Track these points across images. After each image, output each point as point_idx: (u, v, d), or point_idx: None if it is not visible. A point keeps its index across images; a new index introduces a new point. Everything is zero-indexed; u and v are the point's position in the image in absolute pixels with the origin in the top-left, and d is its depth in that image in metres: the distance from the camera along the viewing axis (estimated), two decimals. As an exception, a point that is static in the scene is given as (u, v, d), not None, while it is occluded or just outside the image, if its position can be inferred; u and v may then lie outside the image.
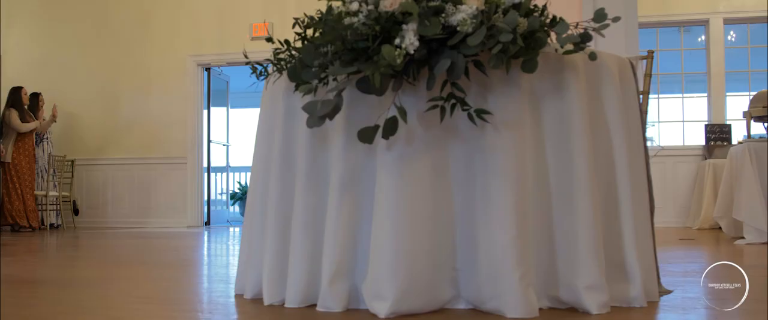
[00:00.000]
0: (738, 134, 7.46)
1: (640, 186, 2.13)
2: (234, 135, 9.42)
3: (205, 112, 8.71)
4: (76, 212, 8.52)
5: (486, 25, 1.77)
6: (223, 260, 3.94)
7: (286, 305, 2.00)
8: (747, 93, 7.96)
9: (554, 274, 1.97)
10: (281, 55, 2.07)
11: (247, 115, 10.48)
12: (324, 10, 2.09)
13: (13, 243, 5.55)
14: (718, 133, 7.34)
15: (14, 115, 7.56)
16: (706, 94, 7.83)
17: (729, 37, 7.90)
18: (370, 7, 1.86)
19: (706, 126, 7.52)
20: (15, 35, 9.23)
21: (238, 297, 2.23)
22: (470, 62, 1.82)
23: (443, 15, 1.80)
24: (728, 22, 7.66)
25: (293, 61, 2.06)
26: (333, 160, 1.98)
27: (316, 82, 1.91)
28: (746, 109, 5.59)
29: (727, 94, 7.78)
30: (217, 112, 9.07)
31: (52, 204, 8.11)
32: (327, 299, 1.93)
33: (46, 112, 8.14)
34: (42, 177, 7.97)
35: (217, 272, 3.20)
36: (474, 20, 1.78)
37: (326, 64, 1.85)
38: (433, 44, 1.81)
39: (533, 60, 1.85)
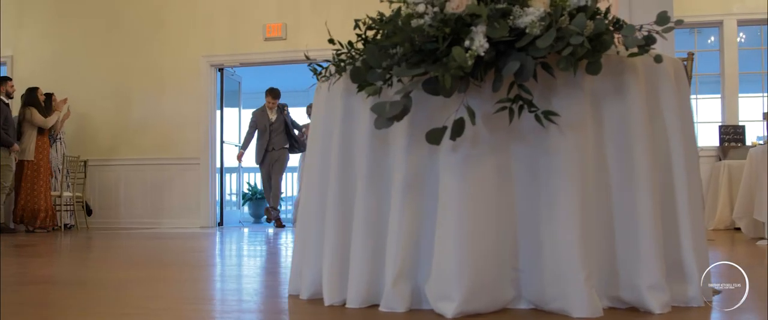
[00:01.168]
0: (751, 135, 7.48)
1: (696, 187, 2.14)
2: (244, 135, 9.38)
3: (218, 112, 8.71)
4: (88, 212, 8.52)
5: (554, 28, 1.78)
6: (255, 261, 3.95)
7: (347, 305, 2.01)
8: (760, 94, 7.99)
9: (615, 274, 1.98)
10: (342, 57, 2.07)
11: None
12: (383, 11, 2.10)
13: (34, 244, 5.55)
14: (732, 134, 7.36)
15: (35, 112, 7.57)
16: (719, 95, 7.85)
17: (739, 39, 7.92)
18: (436, 9, 1.88)
19: (720, 127, 7.54)
20: (27, 36, 9.23)
21: (294, 297, 2.23)
22: (538, 64, 1.83)
23: (511, 17, 1.82)
24: (742, 23, 7.68)
25: (353, 62, 2.07)
26: (395, 161, 2.00)
27: (380, 83, 1.92)
28: (765, 110, 5.61)
29: (740, 95, 7.80)
30: (230, 113, 9.08)
31: (67, 205, 8.11)
32: (390, 299, 1.94)
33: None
34: (55, 177, 7.97)
35: (256, 273, 3.21)
36: (542, 22, 1.80)
37: (392, 66, 1.87)
38: (501, 46, 1.83)
39: (598, 62, 1.86)
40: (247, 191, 11.18)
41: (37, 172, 7.54)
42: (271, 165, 8.38)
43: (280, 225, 8.36)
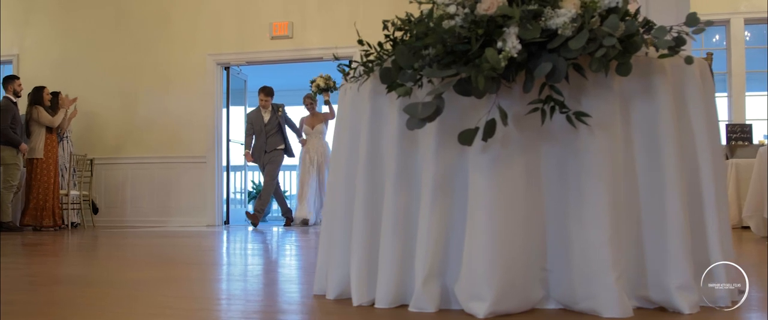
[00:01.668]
0: (758, 134, 7.49)
1: (722, 188, 2.15)
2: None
3: (224, 110, 8.71)
4: (95, 211, 8.53)
5: (587, 29, 1.79)
6: (269, 260, 3.96)
7: (376, 305, 2.02)
8: (763, 93, 8.00)
9: (643, 274, 1.99)
10: (370, 58, 2.08)
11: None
12: (411, 12, 2.10)
13: (44, 243, 5.56)
14: (739, 133, 7.37)
15: (42, 111, 7.57)
16: (726, 94, 7.86)
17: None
18: (466, 10, 1.89)
19: (727, 125, 7.54)
20: (33, 34, 9.23)
21: (320, 297, 2.24)
22: (570, 65, 1.83)
23: (542, 18, 1.82)
24: (749, 22, 7.69)
25: (381, 62, 2.08)
26: (424, 162, 2.00)
27: (411, 84, 1.93)
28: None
29: (746, 93, 7.81)
30: (236, 111, 9.08)
31: (74, 203, 8.12)
32: (420, 300, 1.95)
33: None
34: (62, 176, 7.97)
35: (274, 272, 3.21)
36: (574, 24, 1.80)
37: (423, 67, 1.87)
38: (532, 47, 1.83)
39: (628, 63, 1.87)
40: (251, 190, 11.19)
41: (47, 171, 7.54)
42: (264, 167, 8.33)
43: (254, 221, 8.03)
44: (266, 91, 8.25)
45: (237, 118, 9.13)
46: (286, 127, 8.43)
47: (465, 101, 1.94)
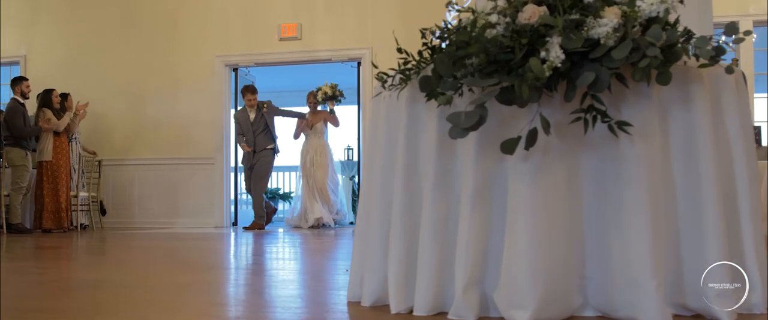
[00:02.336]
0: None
1: (757, 195, 2.16)
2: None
3: (232, 111, 8.71)
4: (103, 212, 8.52)
5: (629, 39, 1.80)
6: (291, 264, 3.96)
7: (414, 313, 2.03)
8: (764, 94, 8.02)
9: (680, 281, 2.00)
10: (409, 66, 2.08)
11: (284, 123, 10.50)
12: (446, 19, 2.11)
13: (57, 245, 5.56)
14: (748, 135, 7.37)
15: (49, 114, 7.56)
16: (734, 96, 7.86)
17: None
18: (507, 19, 1.90)
19: (736, 127, 7.54)
20: (40, 35, 9.23)
21: (355, 304, 2.25)
22: (612, 75, 1.84)
23: (585, 28, 1.83)
24: (758, 24, 7.70)
25: (419, 70, 2.09)
26: (463, 169, 2.01)
27: (452, 92, 1.94)
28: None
29: (755, 95, 7.83)
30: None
31: (83, 205, 8.11)
32: (461, 307, 1.96)
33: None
34: (71, 177, 7.97)
35: (301, 277, 3.22)
36: (617, 33, 1.81)
37: (466, 75, 1.88)
38: (574, 57, 1.84)
39: (668, 72, 1.88)
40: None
41: (57, 172, 7.53)
42: (251, 168, 8.11)
43: (259, 227, 7.93)
44: (252, 90, 8.12)
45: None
46: (274, 120, 8.19)
47: (504, 110, 1.95)
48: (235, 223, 8.80)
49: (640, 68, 1.80)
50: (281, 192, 11.61)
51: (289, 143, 8.90)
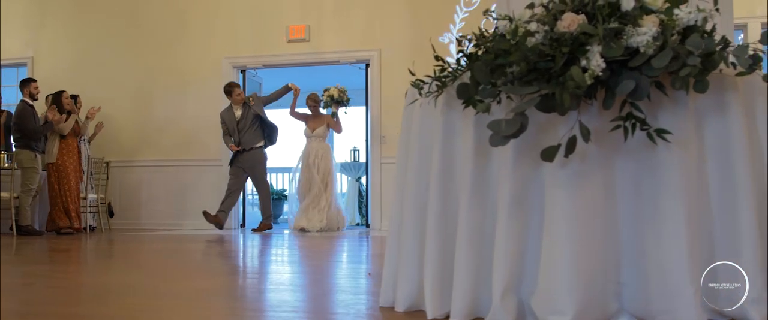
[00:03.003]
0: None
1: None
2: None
3: (241, 113, 8.71)
4: (111, 214, 8.54)
5: (669, 47, 1.81)
6: (314, 267, 3.98)
7: (451, 319, 2.04)
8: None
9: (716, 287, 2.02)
10: (445, 73, 2.10)
11: (278, 117, 10.46)
12: (482, 26, 2.12)
13: (70, 248, 5.57)
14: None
15: (54, 111, 7.55)
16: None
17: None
18: (546, 27, 1.91)
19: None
20: (48, 36, 9.24)
21: (389, 310, 2.26)
22: (652, 83, 1.86)
23: (624, 36, 1.85)
24: (766, 26, 7.72)
25: (454, 78, 2.10)
26: (501, 176, 2.03)
27: (490, 100, 1.95)
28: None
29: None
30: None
31: (92, 206, 8.12)
32: (498, 313, 1.97)
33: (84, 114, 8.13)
34: (81, 179, 7.97)
35: (327, 282, 3.23)
36: (656, 42, 1.82)
37: (506, 83, 1.89)
38: (613, 65, 1.86)
39: (705, 80, 1.89)
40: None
41: (64, 174, 7.53)
42: (243, 169, 7.86)
43: (267, 227, 7.90)
44: (235, 84, 7.91)
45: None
46: (264, 110, 7.97)
47: (541, 117, 1.97)
48: (243, 225, 8.81)
49: (680, 77, 1.81)
50: (287, 193, 11.60)
51: (289, 144, 8.87)
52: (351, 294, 2.67)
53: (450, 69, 2.10)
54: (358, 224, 9.47)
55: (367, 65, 8.34)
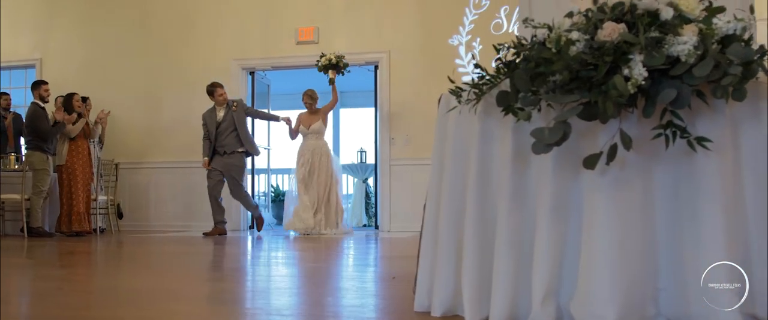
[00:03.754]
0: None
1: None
2: (274, 138, 9.42)
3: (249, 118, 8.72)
4: (119, 215, 8.56)
5: (711, 56, 1.84)
6: (334, 270, 4.00)
7: (491, 323, 2.07)
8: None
9: (751, 293, 2.04)
10: (484, 81, 2.12)
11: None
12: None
13: (85, 251, 5.59)
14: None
15: (61, 112, 7.57)
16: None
17: None
18: (587, 36, 1.94)
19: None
20: (56, 38, 9.26)
21: (425, 314, 2.28)
22: (693, 92, 1.88)
23: (665, 45, 1.87)
24: (774, 28, 7.76)
25: (492, 85, 2.12)
26: (540, 182, 2.06)
27: (531, 108, 1.98)
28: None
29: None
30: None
31: (102, 208, 8.14)
32: (539, 317, 2.00)
33: (94, 117, 8.15)
34: (91, 181, 7.99)
35: (352, 285, 3.26)
36: (697, 51, 1.85)
37: (548, 92, 1.92)
38: (654, 73, 1.88)
39: (744, 89, 1.92)
40: (268, 192, 11.20)
41: (73, 176, 7.55)
42: (219, 172, 7.52)
43: (259, 226, 7.77)
44: (219, 85, 7.59)
45: (261, 122, 9.14)
46: (248, 120, 7.75)
47: (579, 124, 1.99)
48: (251, 226, 8.83)
49: (721, 85, 1.84)
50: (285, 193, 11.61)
51: (288, 144, 8.83)
52: (381, 298, 2.69)
53: (488, 77, 2.12)
54: (365, 225, 9.50)
55: (376, 67, 8.37)
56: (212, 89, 7.61)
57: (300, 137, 7.80)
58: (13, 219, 7.74)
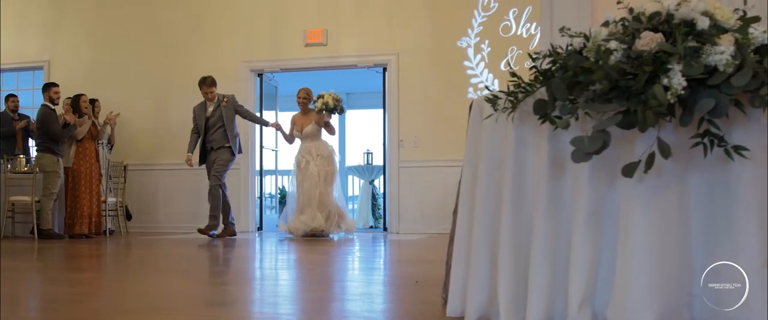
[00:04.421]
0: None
1: None
2: (282, 139, 9.43)
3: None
4: (128, 217, 8.57)
5: (749, 66, 1.86)
6: (355, 274, 4.01)
7: (526, 329, 2.09)
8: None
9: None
10: (519, 89, 2.14)
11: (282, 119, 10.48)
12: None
13: (99, 253, 5.60)
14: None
15: (70, 113, 7.59)
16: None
17: None
18: (624, 46, 1.96)
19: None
20: (65, 41, 9.27)
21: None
22: (732, 101, 1.90)
23: (703, 55, 1.90)
24: (782, 31, 7.78)
25: (527, 93, 2.14)
26: (576, 190, 2.08)
27: (569, 116, 2.00)
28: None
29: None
30: (267, 117, 9.10)
31: (111, 210, 8.16)
32: (576, 323, 2.02)
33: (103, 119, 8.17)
34: (99, 182, 8.01)
35: (377, 289, 3.28)
36: (735, 61, 1.87)
37: (588, 101, 1.94)
38: (692, 83, 1.90)
39: (780, 97, 1.94)
40: (274, 193, 11.23)
41: (79, 178, 7.56)
42: (209, 167, 7.51)
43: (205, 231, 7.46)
44: (207, 82, 7.47)
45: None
46: (236, 119, 7.58)
47: (616, 132, 2.01)
48: (260, 228, 8.85)
49: (759, 95, 1.86)
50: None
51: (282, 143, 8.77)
52: (410, 304, 2.71)
53: (523, 85, 2.14)
54: (371, 227, 9.52)
55: (385, 69, 8.39)
56: (201, 84, 7.49)
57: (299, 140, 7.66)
58: (23, 221, 7.76)
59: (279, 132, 7.85)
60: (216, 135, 7.43)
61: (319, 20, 8.48)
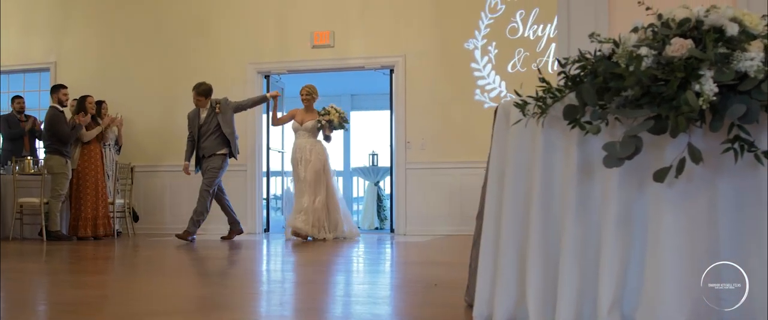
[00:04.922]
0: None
1: None
2: (288, 141, 9.45)
3: (264, 117, 8.76)
4: (135, 218, 8.58)
5: (780, 72, 1.88)
6: (370, 277, 4.02)
7: (555, 332, 2.11)
8: None
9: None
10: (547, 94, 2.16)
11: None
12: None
13: (111, 255, 5.61)
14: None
15: (80, 116, 7.60)
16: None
17: None
18: (655, 52, 1.98)
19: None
20: (71, 42, 9.27)
21: (485, 322, 2.32)
22: (763, 107, 1.92)
23: (733, 61, 1.92)
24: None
25: (556, 98, 2.16)
26: (606, 195, 2.10)
27: (599, 122, 2.01)
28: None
29: None
30: (270, 118, 9.11)
31: (119, 212, 8.16)
32: (606, 327, 2.04)
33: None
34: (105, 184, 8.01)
35: (399, 294, 3.29)
36: (766, 67, 1.89)
37: (619, 106, 1.96)
38: (722, 88, 1.92)
39: (807, 102, 1.96)
40: (277, 194, 11.24)
41: (84, 180, 7.57)
42: (203, 174, 7.35)
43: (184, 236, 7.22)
44: (199, 89, 7.34)
45: (277, 129, 9.16)
46: (234, 119, 7.41)
47: (645, 137, 2.03)
48: (266, 229, 8.86)
49: (790, 101, 1.88)
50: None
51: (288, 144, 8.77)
52: (433, 307, 2.73)
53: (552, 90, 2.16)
54: (377, 228, 9.53)
55: (392, 71, 8.40)
56: (193, 88, 7.42)
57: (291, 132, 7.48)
58: (31, 222, 7.76)
59: (273, 101, 7.65)
60: (207, 142, 7.34)
61: (326, 22, 8.49)
